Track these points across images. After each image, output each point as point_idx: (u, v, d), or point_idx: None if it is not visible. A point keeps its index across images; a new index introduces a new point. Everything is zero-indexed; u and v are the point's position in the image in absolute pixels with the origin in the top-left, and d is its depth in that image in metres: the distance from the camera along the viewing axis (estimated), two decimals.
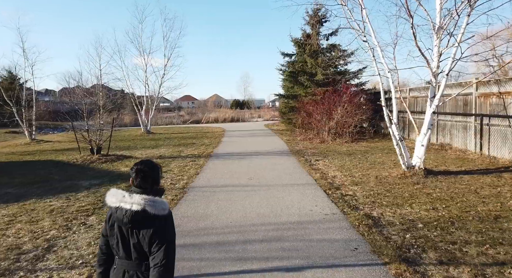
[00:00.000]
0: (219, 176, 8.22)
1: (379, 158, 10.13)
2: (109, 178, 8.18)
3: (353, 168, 8.84)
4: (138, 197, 1.88)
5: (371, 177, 7.71)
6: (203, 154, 11.90)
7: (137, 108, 20.54)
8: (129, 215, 1.86)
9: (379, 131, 16.06)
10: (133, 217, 1.86)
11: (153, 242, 1.87)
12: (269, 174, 8.29)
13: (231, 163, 10.04)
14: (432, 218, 4.89)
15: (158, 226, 1.89)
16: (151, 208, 1.87)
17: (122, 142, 16.44)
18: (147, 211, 1.86)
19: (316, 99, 15.56)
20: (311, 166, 9.28)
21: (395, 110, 7.85)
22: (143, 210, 1.85)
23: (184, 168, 9.43)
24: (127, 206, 1.87)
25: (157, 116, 35.67)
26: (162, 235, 1.90)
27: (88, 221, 5.19)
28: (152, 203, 1.88)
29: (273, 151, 12.25)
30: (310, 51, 16.20)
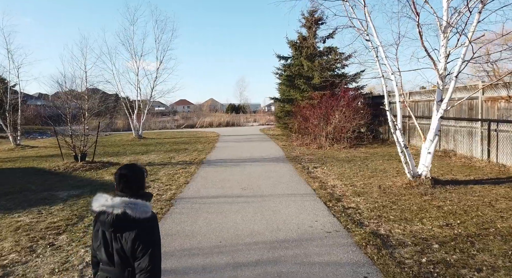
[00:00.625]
0: (210, 186, 7.62)
1: (380, 165, 9.60)
2: (90, 188, 7.53)
3: (354, 176, 8.29)
4: (119, 200, 1.84)
5: (374, 186, 7.16)
6: (195, 161, 11.29)
7: (128, 112, 19.87)
8: (111, 219, 1.82)
9: (377, 137, 15.58)
10: (114, 221, 1.81)
11: (137, 247, 1.82)
12: (264, 183, 7.71)
13: (224, 170, 9.44)
14: (447, 237, 4.33)
15: (140, 229, 1.83)
16: (132, 211, 1.82)
17: (111, 148, 15.77)
18: (128, 214, 1.81)
19: (313, 103, 15.06)
20: (309, 174, 8.71)
21: (399, 115, 7.33)
22: (123, 213, 1.81)
23: (173, 176, 8.81)
24: (109, 209, 1.83)
25: (151, 120, 35.02)
26: (145, 239, 1.83)
27: (57, 241, 4.55)
28: (133, 205, 1.83)
29: (269, 158, 11.68)
30: (306, 54, 15.73)
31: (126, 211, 1.81)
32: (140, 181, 1.99)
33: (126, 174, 1.94)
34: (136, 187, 1.95)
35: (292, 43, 16.66)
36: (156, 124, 33.13)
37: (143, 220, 1.84)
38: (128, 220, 1.81)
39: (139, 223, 1.83)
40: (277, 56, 17.52)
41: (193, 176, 8.72)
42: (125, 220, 1.81)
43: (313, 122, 14.50)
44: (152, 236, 1.89)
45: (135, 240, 1.81)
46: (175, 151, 13.94)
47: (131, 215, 1.81)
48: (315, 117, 14.45)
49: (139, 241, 1.82)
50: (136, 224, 1.82)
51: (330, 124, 13.96)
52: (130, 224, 1.82)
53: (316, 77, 15.33)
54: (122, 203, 1.83)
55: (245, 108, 64.00)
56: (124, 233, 1.84)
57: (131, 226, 1.82)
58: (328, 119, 14.13)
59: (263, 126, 31.64)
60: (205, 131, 26.74)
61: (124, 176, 1.93)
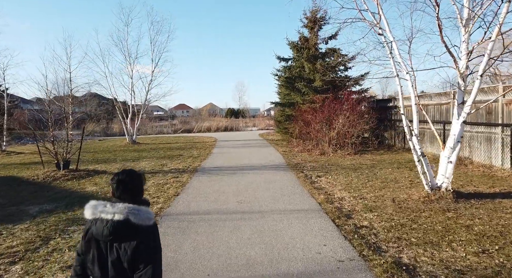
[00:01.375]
0: (202, 199, 6.78)
1: (390, 174, 8.78)
2: (67, 202, 6.70)
3: (362, 187, 7.47)
4: (121, 205, 1.73)
5: (387, 200, 6.35)
6: (188, 169, 10.46)
7: (122, 117, 19.06)
8: (110, 226, 1.68)
9: (383, 142, 14.78)
10: (114, 228, 1.68)
11: (138, 257, 1.70)
12: (263, 195, 6.88)
13: (219, 180, 8.61)
14: (489, 270, 3.50)
15: (143, 238, 1.71)
16: (135, 218, 1.71)
17: (102, 154, 14.94)
18: (131, 220, 1.70)
19: (314, 106, 14.27)
20: (312, 185, 7.89)
21: (415, 119, 6.54)
22: (126, 219, 1.69)
23: (162, 187, 7.98)
24: (108, 216, 1.70)
25: (148, 125, 34.19)
26: (147, 248, 1.72)
27: (8, 272, 3.71)
28: (136, 211, 1.72)
29: (268, 165, 10.86)
30: (308, 55, 14.97)
31: (129, 218, 1.70)
32: (139, 187, 1.89)
33: (124, 180, 1.83)
34: (135, 193, 1.84)
35: (292, 44, 15.91)
36: (153, 129, 32.30)
37: (145, 228, 1.73)
38: (129, 227, 1.69)
39: (141, 231, 1.71)
40: (277, 58, 16.77)
41: (185, 187, 7.89)
42: (127, 227, 1.69)
43: (315, 127, 13.71)
44: (154, 245, 1.77)
45: (136, 250, 1.69)
46: (168, 158, 13.11)
47: (134, 222, 1.70)
48: (317, 122, 13.66)
49: (141, 250, 1.70)
50: (138, 233, 1.71)
51: (333, 129, 13.16)
52: (131, 232, 1.70)
53: (317, 79, 14.56)
54: (125, 209, 1.71)
55: (244, 113, 63.35)
56: (124, 243, 1.71)
57: (132, 234, 1.70)
58: (331, 123, 13.34)
59: (263, 131, 30.85)
60: (202, 136, 25.93)
61: (122, 181, 1.82)
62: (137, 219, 1.71)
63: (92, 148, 17.47)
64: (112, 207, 1.73)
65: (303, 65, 15.59)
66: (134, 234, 1.71)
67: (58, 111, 9.68)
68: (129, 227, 1.69)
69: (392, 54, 6.12)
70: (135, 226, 1.70)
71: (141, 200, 1.86)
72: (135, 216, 1.71)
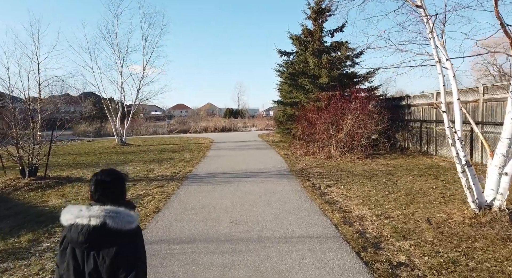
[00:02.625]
0: (188, 217, 5.43)
1: (413, 183, 7.44)
2: (16, 222, 5.32)
3: (384, 201, 6.14)
4: (98, 208, 1.56)
5: (420, 220, 5.01)
6: (177, 175, 9.10)
7: (110, 116, 17.67)
8: (86, 231, 1.52)
9: (394, 144, 13.43)
10: (90, 234, 1.51)
11: (118, 266, 1.52)
12: (264, 212, 5.54)
13: (211, 190, 7.26)
14: None
15: (123, 244, 1.53)
16: (114, 221, 1.52)
17: (85, 157, 13.56)
18: (109, 225, 1.52)
19: (320, 105, 12.93)
20: (322, 197, 6.55)
21: (458, 119, 5.21)
22: (102, 224, 1.52)
23: (143, 200, 6.63)
24: (83, 221, 1.54)
25: (143, 125, 32.81)
26: (129, 256, 1.53)
27: None
28: (114, 214, 1.54)
29: (269, 171, 9.51)
30: (313, 49, 13.60)
31: (106, 222, 1.52)
32: (120, 189, 1.71)
33: (103, 181, 1.67)
34: (116, 195, 1.67)
35: (295, 37, 14.55)
36: (148, 129, 30.89)
37: (126, 233, 1.54)
38: (107, 233, 1.52)
39: (122, 237, 1.53)
40: (278, 52, 15.40)
41: (169, 200, 6.53)
42: (104, 233, 1.51)
43: (320, 128, 12.37)
44: (136, 252, 1.57)
45: (115, 258, 1.51)
46: (157, 162, 11.75)
47: (112, 226, 1.52)
48: (322, 122, 12.33)
49: (121, 259, 1.52)
50: (117, 238, 1.52)
51: (341, 130, 11.82)
52: (110, 237, 1.52)
53: (323, 75, 13.21)
54: (102, 212, 1.54)
55: (243, 113, 62.19)
56: (102, 250, 1.52)
57: (111, 241, 1.52)
58: (338, 124, 12.00)
59: (262, 132, 29.51)
60: (198, 137, 24.57)
61: (102, 182, 1.66)
62: (115, 223, 1.52)
63: (77, 150, 16.10)
64: (87, 211, 1.55)
65: (306, 60, 14.24)
66: (112, 240, 1.52)
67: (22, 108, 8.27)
68: (107, 233, 1.51)
69: (433, 32, 4.76)
70: (114, 231, 1.51)
71: (124, 203, 1.65)
72: (113, 219, 1.53)
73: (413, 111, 12.39)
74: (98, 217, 1.53)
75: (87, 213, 1.54)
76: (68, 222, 1.58)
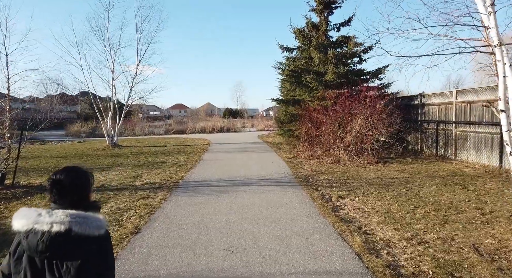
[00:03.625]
0: (172, 242, 4.37)
1: (439, 195, 6.39)
2: None
3: (411, 218, 5.09)
4: (61, 213, 1.38)
5: (464, 247, 3.98)
6: (167, 183, 8.05)
7: (101, 115, 16.60)
8: (47, 239, 1.34)
9: (406, 147, 12.38)
10: (52, 242, 1.34)
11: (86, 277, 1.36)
12: (267, 236, 4.49)
13: (204, 202, 6.21)
14: None
15: (91, 252, 1.37)
16: (81, 227, 1.36)
17: (70, 160, 12.49)
18: (75, 231, 1.35)
19: (325, 104, 11.89)
20: (336, 213, 5.50)
21: None
22: (68, 230, 1.35)
23: (122, 215, 5.57)
24: (44, 227, 1.36)
25: (140, 124, 31.74)
26: (98, 265, 1.38)
27: None
28: (82, 220, 1.38)
29: (271, 178, 8.46)
30: (317, 43, 12.53)
31: (71, 228, 1.35)
32: (82, 190, 1.53)
33: (61, 180, 1.48)
34: (77, 197, 1.48)
35: (298, 31, 13.47)
36: (143, 129, 29.81)
37: (94, 239, 1.38)
38: (73, 240, 1.35)
39: (89, 244, 1.37)
40: (280, 47, 14.31)
41: (153, 216, 5.47)
42: (69, 240, 1.35)
43: (326, 129, 11.32)
44: (106, 260, 1.43)
45: (82, 268, 1.35)
46: (147, 166, 10.68)
47: (79, 232, 1.35)
48: (329, 123, 11.28)
49: (89, 268, 1.37)
50: (84, 246, 1.37)
51: (350, 131, 10.77)
52: (75, 245, 1.36)
53: (330, 72, 12.15)
54: (67, 217, 1.36)
55: (242, 113, 61.21)
56: (67, 260, 1.36)
57: (77, 248, 1.36)
58: (346, 125, 10.95)
59: (262, 132, 28.47)
60: (195, 137, 23.50)
61: (58, 182, 1.48)
62: (82, 229, 1.36)
63: (64, 152, 15.03)
64: (49, 215, 1.38)
65: (310, 56, 13.19)
66: (79, 247, 1.35)
67: None
68: (73, 240, 1.34)
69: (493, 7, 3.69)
70: (81, 237, 1.35)
71: (88, 205, 1.50)
72: (81, 225, 1.36)
73: (428, 111, 11.35)
74: (63, 223, 1.34)
75: (49, 219, 1.35)
76: (23, 228, 1.39)
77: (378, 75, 12.63)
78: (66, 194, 1.47)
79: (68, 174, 1.51)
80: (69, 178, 1.50)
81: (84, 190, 1.55)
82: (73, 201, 1.47)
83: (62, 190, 1.47)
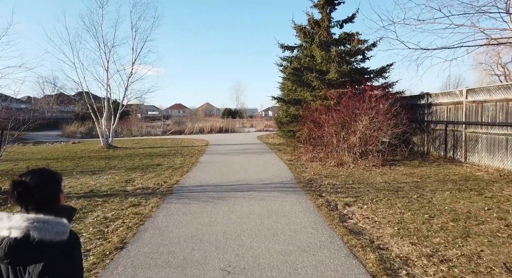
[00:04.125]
0: (161, 260, 3.85)
1: (455, 202, 5.89)
2: None
3: (427, 229, 4.60)
4: (20, 217, 1.30)
5: (494, 267, 3.48)
6: (160, 188, 7.54)
7: (95, 115, 16.06)
8: (6, 245, 1.28)
9: (412, 149, 11.88)
10: (11, 248, 1.27)
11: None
12: (268, 252, 3.97)
13: (199, 211, 5.69)
14: None
15: (53, 259, 1.28)
16: (40, 233, 1.27)
17: (61, 163, 11.94)
18: (33, 237, 1.26)
19: (328, 104, 11.39)
20: (343, 223, 5.00)
21: None
22: (27, 236, 1.27)
23: (108, 226, 5.05)
24: (3, 232, 1.30)
25: (137, 125, 31.20)
26: (61, 272, 1.29)
27: None
28: (41, 224, 1.29)
29: (271, 183, 7.95)
30: (320, 40, 12.00)
31: (30, 234, 1.27)
32: (48, 193, 1.42)
33: (23, 183, 1.36)
34: (40, 201, 1.37)
35: (300, 27, 12.96)
36: (140, 129, 29.27)
37: (58, 244, 1.29)
38: (33, 246, 1.27)
39: (51, 250, 1.28)
40: (280, 46, 13.76)
41: (142, 227, 4.95)
42: (28, 246, 1.27)
43: (329, 130, 10.82)
44: (71, 267, 1.32)
45: (45, 275, 1.27)
46: (141, 169, 10.16)
47: (39, 238, 1.27)
48: (332, 123, 10.78)
49: (52, 275, 1.27)
50: (46, 251, 1.28)
51: (354, 133, 10.26)
52: (36, 251, 1.28)
53: (332, 70, 11.63)
54: (25, 222, 1.28)
55: (241, 113, 60.73)
56: (29, 266, 1.29)
57: (38, 255, 1.28)
58: (350, 126, 10.45)
59: (261, 133, 27.96)
60: (193, 138, 22.97)
61: (20, 185, 1.35)
62: (42, 234, 1.27)
63: (56, 154, 14.49)
64: (8, 220, 1.30)
65: (312, 54, 12.67)
66: (40, 253, 1.27)
67: None
68: (32, 246, 1.27)
69: None
70: (42, 243, 1.27)
71: (56, 209, 1.39)
72: (40, 230, 1.27)
73: (435, 111, 10.85)
74: (20, 228, 1.27)
75: (7, 224, 1.29)
76: None
77: (382, 73, 12.14)
78: (30, 197, 1.36)
79: (34, 176, 1.41)
80: (35, 180, 1.39)
81: (51, 192, 1.44)
82: (39, 205, 1.37)
83: (23, 194, 1.35)
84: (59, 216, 1.35)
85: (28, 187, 1.37)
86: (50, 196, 1.43)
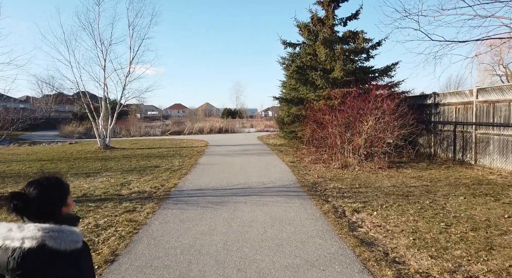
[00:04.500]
0: (156, 274, 3.47)
1: (470, 208, 5.52)
2: None
3: (445, 239, 4.22)
4: (33, 227, 1.26)
5: None
6: (157, 192, 7.16)
7: (92, 115, 15.67)
8: (19, 256, 1.23)
9: (418, 150, 11.51)
10: (24, 258, 1.22)
11: None
12: (273, 266, 3.60)
13: (198, 218, 5.31)
14: None
15: (67, 267, 1.26)
16: (55, 242, 1.25)
17: (55, 164, 11.56)
18: (49, 246, 1.24)
19: (332, 104, 11.02)
20: (353, 232, 4.62)
21: None
22: (41, 246, 1.24)
23: (99, 234, 4.67)
24: (15, 243, 1.24)
25: (136, 125, 30.81)
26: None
27: None
28: (56, 234, 1.26)
29: (274, 186, 7.58)
30: (324, 38, 11.61)
31: (45, 243, 1.24)
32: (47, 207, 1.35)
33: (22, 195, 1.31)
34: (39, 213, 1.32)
35: (303, 25, 12.57)
36: (139, 130, 28.88)
37: (70, 254, 1.27)
38: (47, 256, 1.24)
39: (65, 259, 1.26)
40: (282, 42, 13.38)
41: (136, 237, 4.57)
42: (43, 256, 1.23)
43: (333, 131, 10.44)
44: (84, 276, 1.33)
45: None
46: (138, 171, 9.78)
47: (54, 247, 1.24)
48: (336, 124, 10.41)
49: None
50: (59, 261, 1.25)
51: (359, 134, 9.89)
52: (49, 261, 1.24)
53: (337, 69, 11.25)
54: (40, 231, 1.25)
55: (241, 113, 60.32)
56: (41, 277, 1.26)
57: (51, 265, 1.25)
58: (355, 126, 10.07)
59: (261, 133, 27.59)
60: (192, 139, 22.59)
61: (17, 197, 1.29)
62: (57, 243, 1.25)
63: (51, 155, 14.10)
64: (20, 230, 1.26)
65: (315, 52, 12.29)
66: (53, 264, 1.24)
67: None
68: (47, 256, 1.24)
69: None
70: (56, 253, 1.24)
71: (64, 218, 1.37)
72: (55, 240, 1.25)
73: (443, 111, 10.48)
74: (35, 238, 1.24)
75: (20, 234, 1.25)
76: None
77: (388, 72, 11.76)
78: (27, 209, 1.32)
79: (38, 186, 1.36)
80: (34, 192, 1.34)
81: (48, 207, 1.38)
82: (45, 214, 1.34)
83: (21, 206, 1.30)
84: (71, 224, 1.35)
85: (27, 199, 1.33)
86: (49, 210, 1.37)
